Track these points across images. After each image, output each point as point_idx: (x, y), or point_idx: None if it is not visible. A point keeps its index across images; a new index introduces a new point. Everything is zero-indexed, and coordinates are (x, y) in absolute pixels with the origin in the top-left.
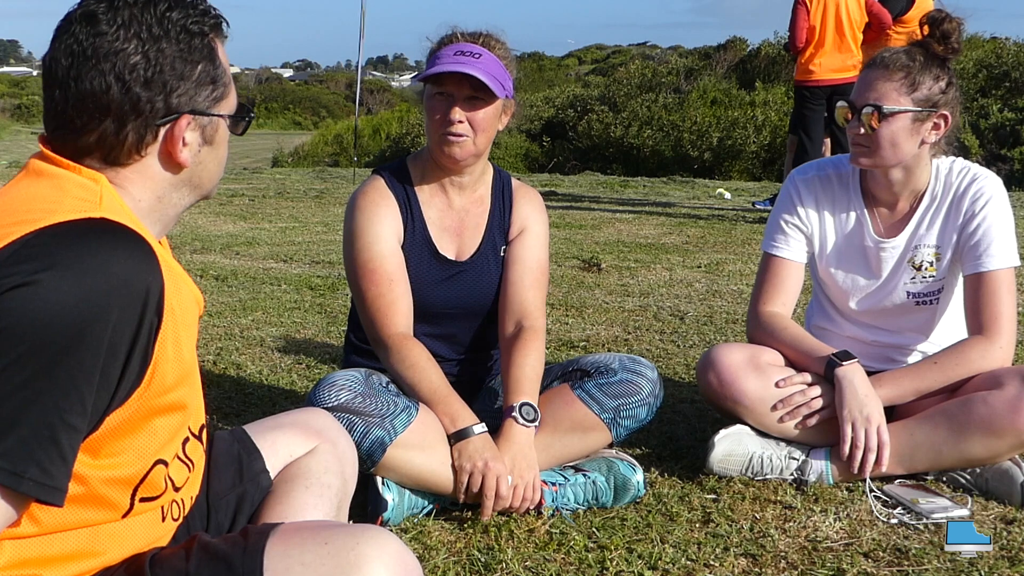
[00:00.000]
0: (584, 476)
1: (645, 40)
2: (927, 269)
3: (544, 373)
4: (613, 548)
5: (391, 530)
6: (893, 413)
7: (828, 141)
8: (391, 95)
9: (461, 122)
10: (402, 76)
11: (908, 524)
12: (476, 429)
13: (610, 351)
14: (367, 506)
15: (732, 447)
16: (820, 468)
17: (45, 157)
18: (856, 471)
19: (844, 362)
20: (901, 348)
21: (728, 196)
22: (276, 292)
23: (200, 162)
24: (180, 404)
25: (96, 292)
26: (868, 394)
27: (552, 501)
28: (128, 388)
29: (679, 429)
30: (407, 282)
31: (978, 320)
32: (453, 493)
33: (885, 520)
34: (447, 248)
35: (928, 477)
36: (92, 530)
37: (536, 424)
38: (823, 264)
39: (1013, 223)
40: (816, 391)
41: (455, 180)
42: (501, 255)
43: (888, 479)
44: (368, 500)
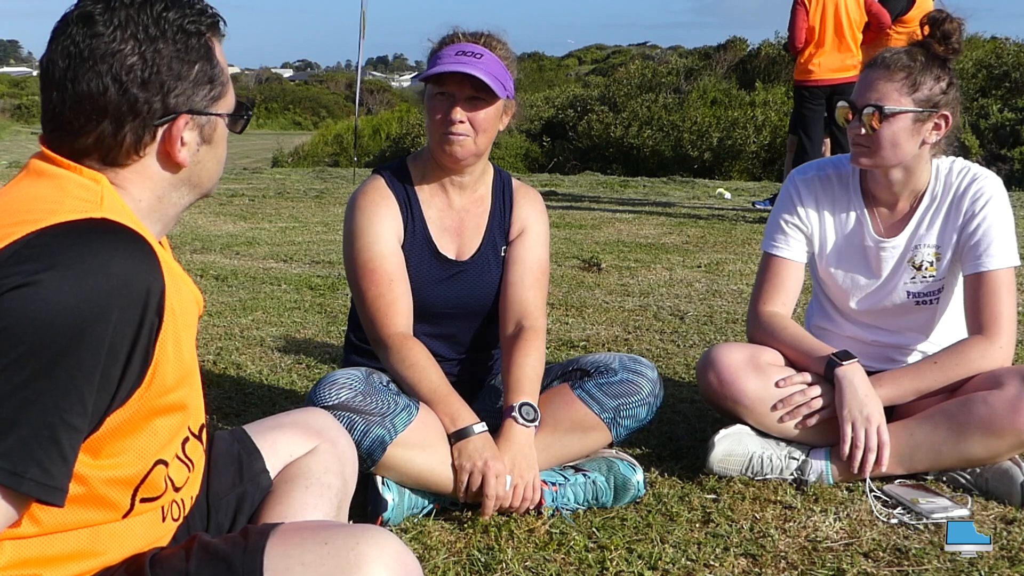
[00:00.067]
0: (584, 476)
1: (645, 40)
2: (927, 269)
3: (544, 373)
4: (613, 548)
5: (391, 530)
6: (893, 413)
7: (828, 141)
8: (391, 95)
9: (462, 122)
10: (402, 76)
11: (908, 524)
12: (476, 428)
13: (610, 351)
14: (367, 506)
15: (732, 447)
16: (820, 468)
17: (46, 157)
18: (856, 471)
19: (844, 362)
20: (901, 348)
21: (728, 196)
22: (276, 292)
23: (199, 161)
24: (180, 404)
25: (97, 292)
26: (868, 394)
27: (552, 501)
28: (129, 388)
29: (679, 429)
30: (407, 282)
31: (978, 320)
32: (453, 492)
33: (885, 520)
34: (447, 248)
35: (928, 477)
36: (92, 530)
37: (536, 424)
38: (823, 264)
39: (1013, 223)
40: (816, 391)
41: (455, 180)
42: (501, 255)
43: (888, 479)
44: (368, 500)
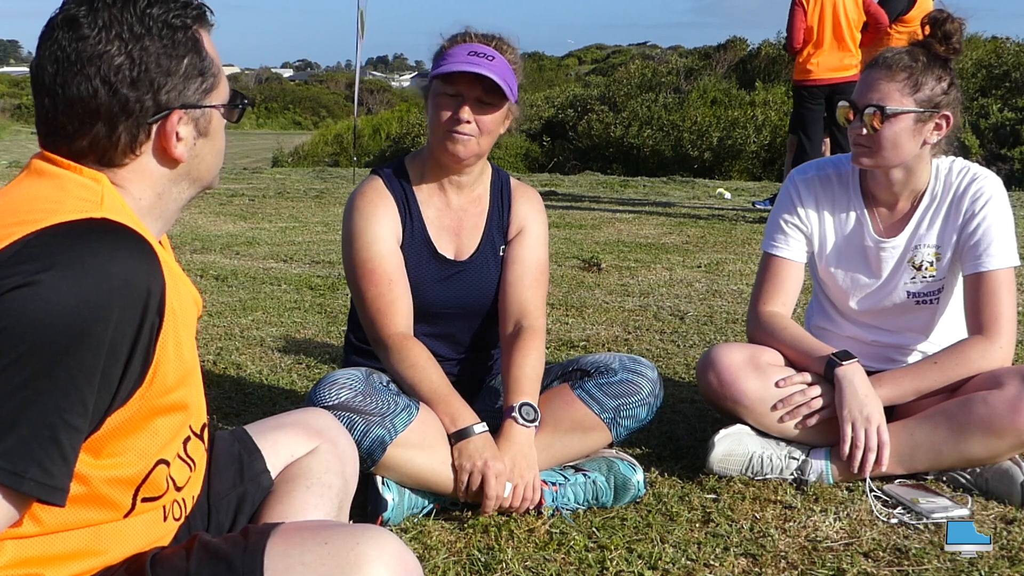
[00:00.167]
0: (584, 476)
1: (645, 40)
2: (927, 269)
3: (544, 373)
4: (613, 548)
5: (391, 530)
6: (893, 413)
7: (828, 141)
8: (391, 95)
9: (469, 122)
10: (402, 76)
11: (908, 524)
12: (476, 428)
13: (610, 351)
14: (367, 506)
15: (732, 447)
16: (820, 468)
17: (46, 157)
18: (856, 471)
19: (844, 362)
20: (901, 348)
21: (728, 196)
22: (276, 292)
23: (197, 155)
24: (181, 404)
25: (97, 292)
26: (868, 394)
27: (552, 501)
28: (129, 388)
29: (679, 429)
30: (406, 282)
31: (978, 320)
32: (453, 492)
33: (885, 520)
34: (446, 248)
35: (928, 477)
36: (94, 530)
37: (536, 424)
38: (823, 264)
39: (1013, 223)
40: (816, 391)
41: (454, 179)
42: (500, 255)
43: (888, 479)
44: (368, 500)
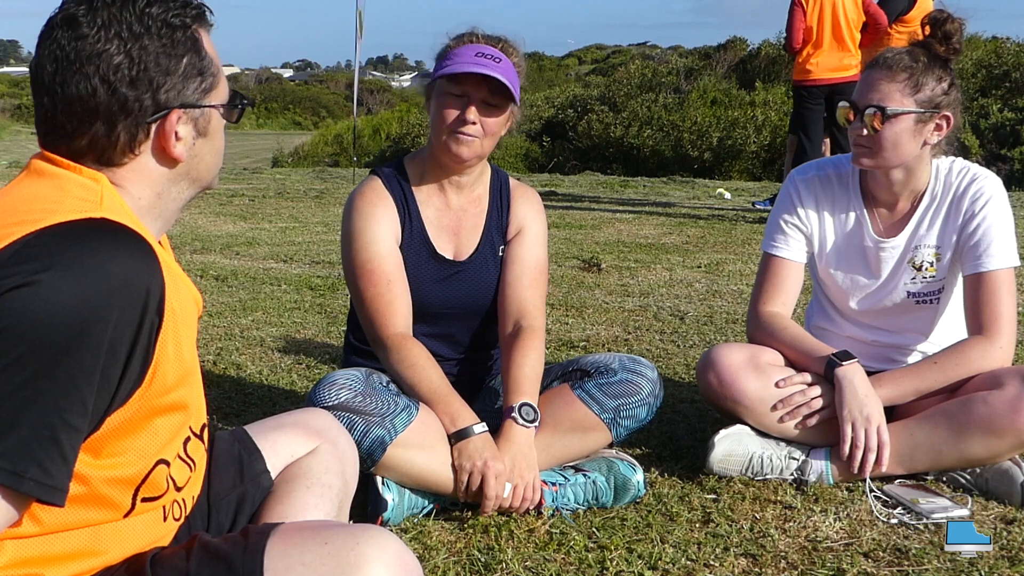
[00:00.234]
0: (584, 476)
1: (645, 40)
2: (927, 269)
3: (544, 373)
4: (613, 548)
5: (391, 530)
6: (893, 413)
7: (828, 141)
8: (391, 95)
9: (475, 123)
10: (402, 76)
11: (908, 524)
12: (476, 429)
13: (610, 351)
14: (367, 506)
15: (732, 447)
16: (820, 468)
17: (46, 157)
18: (856, 471)
19: (844, 362)
20: (901, 348)
21: (728, 196)
22: (276, 292)
23: (196, 155)
24: (181, 404)
25: (96, 292)
26: (868, 394)
27: (552, 501)
28: (129, 388)
29: (679, 429)
30: (405, 282)
31: (978, 320)
32: (453, 493)
33: (885, 520)
34: (445, 248)
35: (928, 477)
36: (93, 530)
37: (536, 424)
38: (823, 264)
39: (1013, 223)
40: (816, 391)
41: (454, 179)
42: (499, 255)
43: (888, 479)
44: (368, 500)
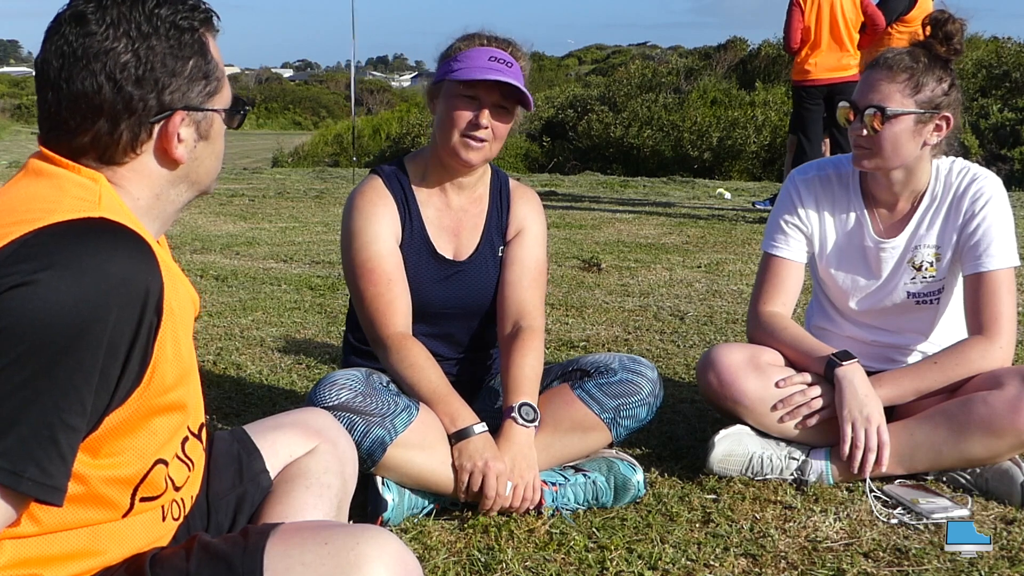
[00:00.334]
0: (584, 476)
1: (645, 40)
2: (927, 269)
3: (544, 373)
4: (613, 548)
5: (391, 530)
6: (893, 413)
7: (827, 141)
8: (391, 95)
9: (487, 127)
10: (402, 76)
11: (908, 524)
12: (476, 429)
13: (610, 351)
14: (367, 506)
15: (732, 447)
16: (820, 468)
17: (44, 157)
18: (856, 471)
19: (844, 362)
20: (901, 348)
21: (728, 196)
22: (276, 292)
23: (196, 158)
24: (180, 404)
25: (95, 292)
26: (868, 394)
27: (552, 501)
28: (128, 388)
29: (679, 429)
30: (405, 282)
31: (978, 320)
32: (453, 493)
33: (885, 520)
34: (445, 248)
35: (928, 477)
36: (92, 530)
37: (536, 424)
38: (823, 264)
39: (1013, 223)
40: (816, 391)
41: (456, 180)
42: (499, 255)
43: (888, 479)
44: (368, 500)
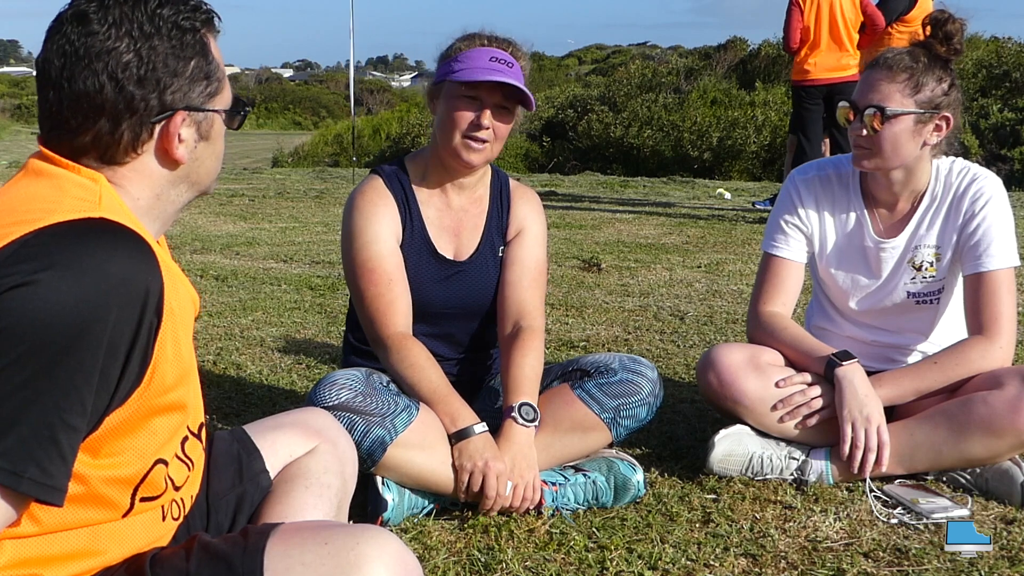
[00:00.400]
0: (584, 476)
1: (645, 40)
2: (927, 269)
3: (544, 373)
4: (613, 548)
5: (391, 530)
6: (893, 413)
7: (827, 141)
8: (391, 95)
9: (489, 128)
10: (402, 76)
11: (908, 524)
12: (477, 428)
13: (610, 351)
14: (367, 506)
15: (732, 447)
16: (820, 468)
17: (44, 157)
18: (856, 471)
19: (844, 362)
20: (901, 348)
21: (728, 196)
22: (276, 292)
23: (197, 158)
24: (180, 404)
25: (95, 292)
26: (868, 394)
27: (552, 501)
28: (128, 388)
29: (679, 429)
30: (406, 282)
31: (978, 320)
32: (453, 493)
33: (885, 520)
34: (445, 248)
35: (928, 477)
36: (92, 530)
37: (536, 424)
38: (823, 264)
39: (1013, 223)
40: (816, 391)
41: (456, 180)
42: (499, 255)
43: (888, 479)
44: (368, 500)
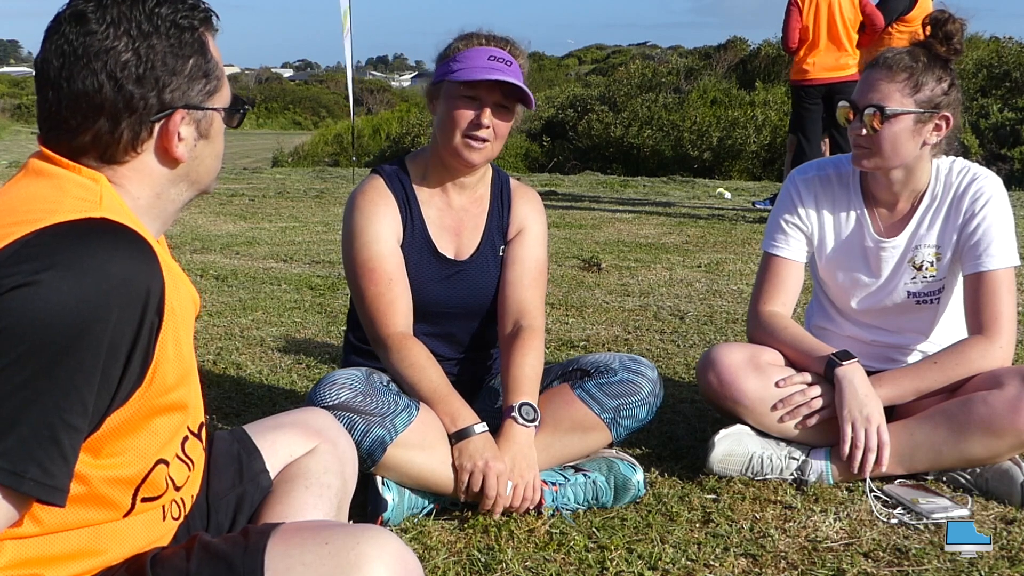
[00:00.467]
0: (584, 476)
1: (645, 40)
2: (927, 269)
3: (544, 373)
4: (613, 548)
5: (391, 530)
6: (893, 413)
7: (827, 141)
8: (391, 95)
9: (489, 127)
10: (402, 76)
11: (908, 524)
12: (477, 428)
13: (610, 351)
14: (367, 506)
15: (732, 447)
16: (820, 468)
17: (45, 157)
18: (856, 471)
19: (844, 362)
20: (901, 348)
21: (728, 196)
22: (276, 292)
23: (196, 156)
24: (180, 404)
25: (96, 292)
26: (868, 394)
27: (552, 501)
28: (129, 388)
29: (679, 429)
30: (406, 281)
31: (978, 320)
32: (453, 493)
33: (885, 520)
34: (446, 247)
35: (928, 477)
36: (93, 530)
37: (536, 424)
38: (823, 264)
39: (1013, 223)
40: (816, 391)
41: (457, 180)
42: (500, 255)
43: (888, 479)
44: (368, 500)
